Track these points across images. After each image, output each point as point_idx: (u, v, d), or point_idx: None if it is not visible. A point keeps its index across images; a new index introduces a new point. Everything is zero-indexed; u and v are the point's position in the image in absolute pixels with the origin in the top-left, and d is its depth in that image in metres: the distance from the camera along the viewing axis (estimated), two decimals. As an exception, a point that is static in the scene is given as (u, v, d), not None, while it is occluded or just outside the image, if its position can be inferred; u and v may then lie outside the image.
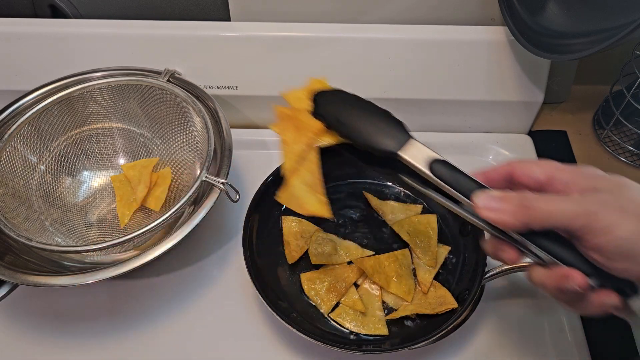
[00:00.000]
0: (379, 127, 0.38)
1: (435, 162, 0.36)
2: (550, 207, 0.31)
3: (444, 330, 0.45)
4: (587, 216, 0.30)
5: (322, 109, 0.39)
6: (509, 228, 0.32)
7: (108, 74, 0.60)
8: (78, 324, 0.51)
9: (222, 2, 0.64)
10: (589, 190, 0.32)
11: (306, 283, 0.52)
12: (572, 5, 0.53)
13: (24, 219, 0.52)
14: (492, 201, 0.33)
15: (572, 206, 0.30)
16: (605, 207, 0.30)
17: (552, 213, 0.31)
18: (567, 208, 0.30)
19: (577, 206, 0.30)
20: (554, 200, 0.31)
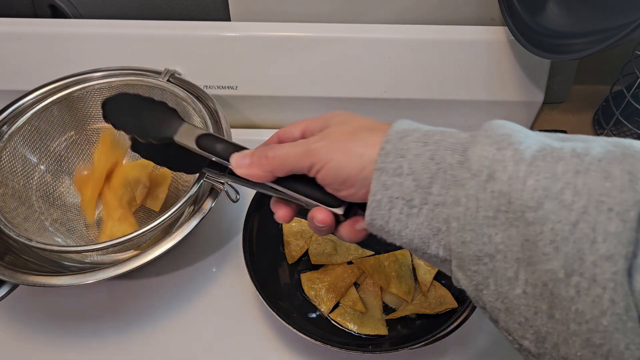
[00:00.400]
0: (157, 119, 0.40)
1: (201, 136, 0.38)
2: (281, 153, 0.34)
3: (444, 330, 0.45)
4: (309, 155, 0.33)
5: (110, 113, 0.41)
6: (260, 179, 0.35)
7: (108, 74, 0.60)
8: (78, 324, 0.51)
9: (222, 2, 0.64)
10: (320, 131, 0.34)
11: (306, 283, 0.52)
12: (572, 5, 0.53)
13: (24, 218, 0.52)
14: (241, 158, 0.36)
15: (297, 149, 0.33)
16: (321, 143, 0.33)
17: (284, 158, 0.34)
18: (293, 151, 0.33)
19: (301, 148, 0.33)
20: (284, 146, 0.34)
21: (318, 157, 0.32)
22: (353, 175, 0.31)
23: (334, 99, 0.65)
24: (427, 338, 0.45)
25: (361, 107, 0.66)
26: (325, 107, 0.66)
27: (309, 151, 0.33)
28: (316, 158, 0.32)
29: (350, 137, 0.32)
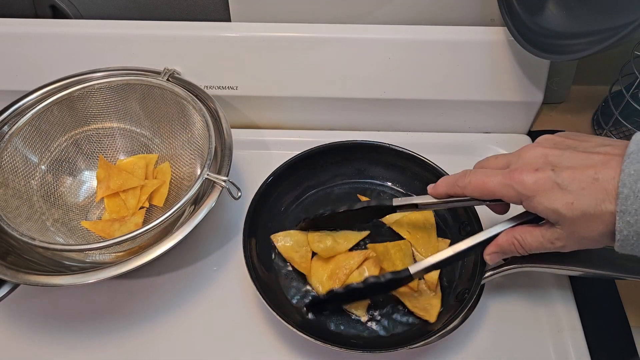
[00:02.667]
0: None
1: None
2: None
3: (444, 330, 0.45)
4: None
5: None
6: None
7: (108, 74, 0.60)
8: (78, 324, 0.51)
9: (222, 3, 0.64)
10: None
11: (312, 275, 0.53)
12: (571, 5, 0.54)
13: (25, 218, 0.52)
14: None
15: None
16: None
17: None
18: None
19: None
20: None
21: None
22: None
23: (334, 99, 0.65)
24: (427, 338, 0.45)
25: (361, 108, 0.66)
26: (326, 107, 0.66)
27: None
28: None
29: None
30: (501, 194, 0.40)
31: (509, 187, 0.39)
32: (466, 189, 0.43)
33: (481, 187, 0.41)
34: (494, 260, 0.44)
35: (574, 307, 0.51)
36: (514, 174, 0.39)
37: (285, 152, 0.59)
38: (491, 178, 0.40)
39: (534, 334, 0.50)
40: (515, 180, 0.38)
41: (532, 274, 0.53)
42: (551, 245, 0.39)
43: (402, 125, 0.68)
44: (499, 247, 0.43)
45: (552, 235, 0.39)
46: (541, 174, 0.37)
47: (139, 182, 0.58)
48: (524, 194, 0.38)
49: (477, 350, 0.49)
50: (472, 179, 0.42)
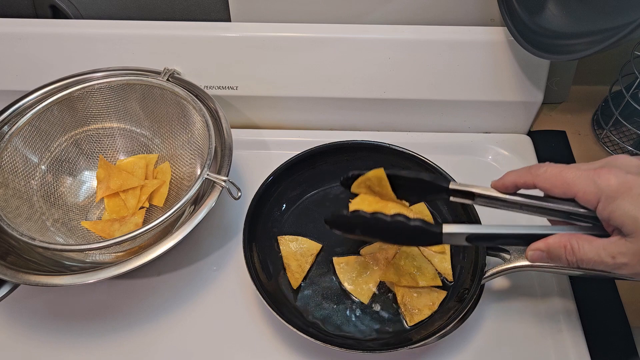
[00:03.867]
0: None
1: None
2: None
3: (444, 330, 0.45)
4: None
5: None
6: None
7: (108, 74, 0.60)
8: (78, 324, 0.51)
9: (222, 3, 0.64)
10: None
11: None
12: (571, 5, 0.54)
13: (25, 218, 0.52)
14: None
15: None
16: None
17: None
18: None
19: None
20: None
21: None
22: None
23: (334, 99, 0.65)
24: (427, 338, 0.45)
25: (361, 108, 0.66)
26: (325, 107, 0.66)
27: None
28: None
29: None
30: (578, 187, 0.35)
31: (590, 182, 0.35)
32: (538, 177, 0.38)
33: (557, 177, 0.37)
34: (536, 258, 0.38)
35: (574, 307, 0.51)
36: (601, 170, 0.35)
37: (285, 152, 0.59)
38: (571, 170, 0.36)
39: (534, 334, 0.50)
40: (602, 176, 0.35)
41: (532, 274, 0.53)
42: (610, 261, 0.35)
43: (402, 125, 0.68)
44: (548, 246, 0.37)
45: (616, 249, 0.34)
46: (632, 177, 0.34)
47: (139, 182, 0.58)
48: (605, 192, 0.34)
49: (477, 350, 0.49)
50: (549, 168, 0.38)
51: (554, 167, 0.38)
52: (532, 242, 0.38)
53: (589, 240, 0.36)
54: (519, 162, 0.64)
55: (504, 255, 0.51)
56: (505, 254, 0.51)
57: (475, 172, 0.63)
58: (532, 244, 0.38)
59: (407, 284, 0.51)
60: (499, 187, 0.41)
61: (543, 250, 0.38)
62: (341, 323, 0.50)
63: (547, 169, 0.38)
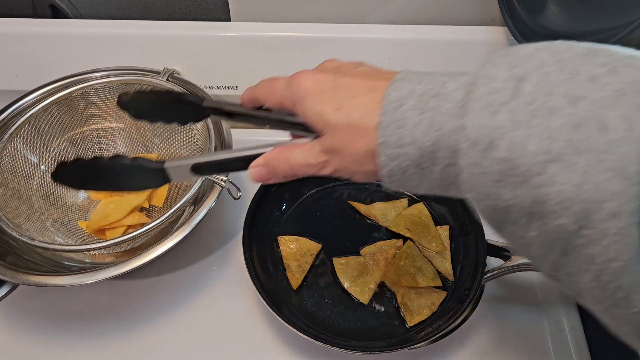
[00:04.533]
0: None
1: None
2: None
3: (444, 330, 0.45)
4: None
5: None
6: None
7: (107, 73, 0.60)
8: (78, 324, 0.51)
9: (222, 2, 0.64)
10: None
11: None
12: (571, 5, 0.53)
13: (25, 218, 0.52)
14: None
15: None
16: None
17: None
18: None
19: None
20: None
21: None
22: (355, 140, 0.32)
23: (334, 99, 0.65)
24: (427, 338, 0.45)
25: (361, 107, 0.66)
26: (325, 107, 0.66)
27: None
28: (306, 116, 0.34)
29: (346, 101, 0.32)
30: (280, 94, 0.36)
31: (286, 86, 0.35)
32: (257, 90, 0.38)
33: (267, 87, 0.37)
34: (256, 176, 0.37)
35: (574, 307, 0.51)
36: (297, 74, 0.35)
37: (285, 152, 0.58)
38: (278, 79, 0.37)
39: (534, 334, 0.50)
40: (296, 79, 0.35)
41: (533, 275, 0.53)
42: (314, 160, 0.34)
43: (402, 125, 0.68)
44: (265, 160, 0.36)
45: (317, 148, 0.34)
46: (321, 76, 0.34)
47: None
48: (297, 94, 0.34)
49: (478, 350, 0.49)
50: (264, 80, 0.38)
51: (267, 80, 0.37)
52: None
53: (300, 147, 0.35)
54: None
55: (505, 254, 0.51)
56: (506, 254, 0.51)
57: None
58: (252, 163, 0.37)
59: (407, 284, 0.51)
60: (243, 102, 0.40)
61: (262, 165, 0.36)
62: (341, 323, 0.50)
63: (263, 82, 0.38)
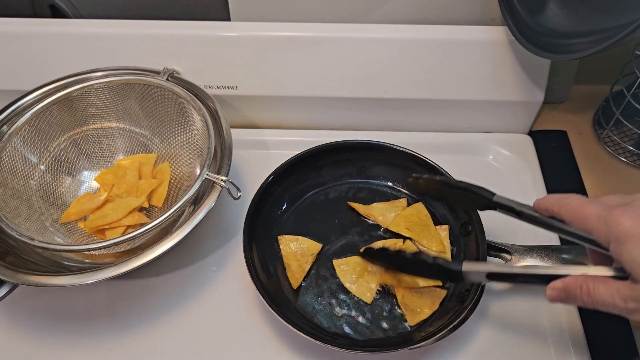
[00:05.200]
0: None
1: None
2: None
3: (444, 330, 0.45)
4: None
5: None
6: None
7: (107, 73, 0.60)
8: (78, 324, 0.51)
9: (222, 2, 0.64)
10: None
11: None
12: (572, 5, 0.53)
13: (24, 218, 0.52)
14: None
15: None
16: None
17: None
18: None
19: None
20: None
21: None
22: None
23: (334, 99, 0.65)
24: (427, 338, 0.45)
25: (361, 107, 0.66)
26: (326, 107, 0.66)
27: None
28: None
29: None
30: (592, 225, 0.35)
31: (602, 221, 0.34)
32: (563, 209, 0.38)
33: (576, 211, 0.37)
34: (554, 297, 0.38)
35: (574, 307, 0.51)
36: (615, 210, 0.34)
37: (285, 152, 0.58)
38: (591, 206, 0.36)
39: (534, 334, 0.50)
40: (614, 216, 0.34)
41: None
42: (622, 305, 0.34)
43: (403, 125, 0.68)
44: (565, 285, 0.37)
45: (628, 293, 0.33)
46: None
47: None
48: (614, 233, 0.33)
49: (477, 351, 0.49)
50: (573, 200, 0.38)
51: (577, 200, 0.37)
52: (551, 281, 0.38)
53: (605, 282, 0.35)
54: (519, 162, 0.64)
55: (505, 255, 0.51)
56: (506, 254, 0.51)
57: (476, 172, 0.63)
58: (551, 283, 0.38)
59: (407, 285, 0.51)
60: (536, 206, 0.41)
61: (561, 289, 0.37)
62: (342, 323, 0.50)
63: (572, 200, 0.38)
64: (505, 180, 0.63)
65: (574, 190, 0.61)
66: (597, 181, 0.63)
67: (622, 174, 0.64)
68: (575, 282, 0.36)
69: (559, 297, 0.38)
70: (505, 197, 0.44)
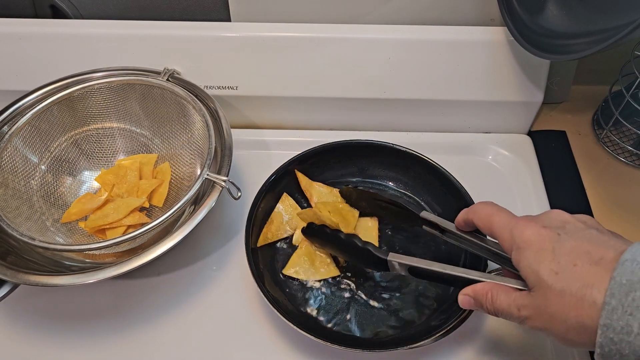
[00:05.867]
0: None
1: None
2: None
3: (444, 330, 0.45)
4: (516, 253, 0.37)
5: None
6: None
7: (108, 74, 0.60)
8: (78, 324, 0.51)
9: (222, 2, 0.64)
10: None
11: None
12: (571, 5, 0.54)
13: (25, 218, 0.52)
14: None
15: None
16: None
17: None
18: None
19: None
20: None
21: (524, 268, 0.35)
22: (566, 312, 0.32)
23: (334, 99, 0.65)
24: (427, 338, 0.45)
25: (361, 107, 0.66)
26: (326, 107, 0.66)
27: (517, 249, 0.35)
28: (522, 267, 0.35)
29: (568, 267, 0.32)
30: (499, 232, 0.37)
31: (508, 230, 0.36)
32: (475, 215, 0.40)
33: (486, 218, 0.39)
34: (465, 303, 0.40)
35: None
36: (520, 220, 0.36)
37: (285, 152, 0.59)
38: (501, 214, 0.38)
39: (534, 334, 0.50)
40: (518, 225, 0.36)
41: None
42: (516, 313, 0.35)
43: (402, 125, 0.68)
44: (474, 292, 0.39)
45: (521, 301, 0.35)
46: (544, 231, 0.34)
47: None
48: (517, 242, 0.35)
49: (477, 351, 0.49)
50: (485, 207, 0.39)
51: (488, 209, 0.39)
52: (465, 286, 0.40)
53: (506, 292, 0.36)
54: (519, 162, 0.64)
55: None
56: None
57: (475, 172, 0.63)
58: (464, 289, 0.40)
59: None
60: (456, 222, 0.43)
61: (471, 295, 0.39)
62: (342, 322, 0.50)
63: (483, 209, 0.39)
64: (505, 181, 0.63)
65: (574, 190, 0.62)
66: (596, 181, 0.63)
67: (621, 174, 0.64)
68: (482, 290, 0.38)
69: (469, 302, 0.39)
70: (431, 214, 0.47)
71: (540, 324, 0.34)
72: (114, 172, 0.59)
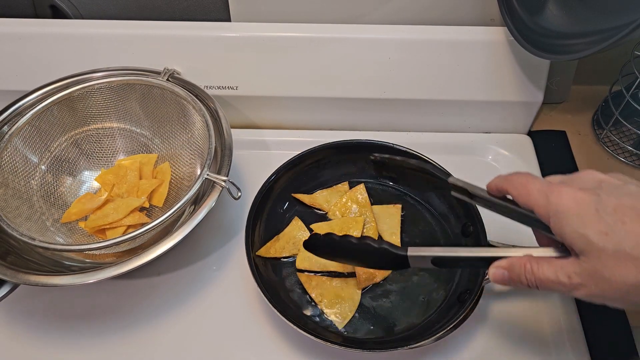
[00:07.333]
0: None
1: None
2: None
3: (444, 330, 0.45)
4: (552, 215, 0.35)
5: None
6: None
7: (108, 74, 0.60)
8: (79, 324, 0.51)
9: (222, 3, 0.64)
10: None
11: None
12: (571, 5, 0.54)
13: (25, 218, 0.52)
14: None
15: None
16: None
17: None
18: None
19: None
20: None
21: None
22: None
23: (334, 99, 0.65)
24: (427, 338, 0.45)
25: (361, 107, 0.66)
26: (326, 107, 0.66)
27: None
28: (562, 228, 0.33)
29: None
30: (534, 200, 0.35)
31: (543, 196, 0.34)
32: (510, 184, 0.38)
33: (521, 186, 0.36)
34: (498, 277, 0.37)
35: (574, 307, 0.51)
36: (555, 186, 0.34)
37: (285, 152, 0.59)
38: (535, 181, 0.36)
39: (533, 335, 0.50)
40: (554, 191, 0.34)
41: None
42: (567, 281, 0.33)
43: (402, 125, 0.68)
44: (509, 264, 0.37)
45: (571, 268, 0.33)
46: (582, 194, 0.33)
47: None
48: (554, 208, 0.33)
49: (477, 351, 0.49)
50: (520, 176, 0.37)
51: (523, 176, 0.37)
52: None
53: (548, 261, 0.35)
54: (519, 162, 0.64)
55: None
56: None
57: (475, 172, 0.63)
58: (495, 262, 0.38)
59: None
60: (487, 187, 0.41)
61: (505, 268, 0.37)
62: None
63: (518, 177, 0.37)
64: (505, 181, 0.63)
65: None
66: (597, 181, 0.63)
67: (621, 174, 0.64)
68: (519, 262, 0.36)
69: (502, 276, 0.37)
70: (460, 180, 0.44)
71: (595, 291, 0.32)
72: (114, 172, 0.59)
